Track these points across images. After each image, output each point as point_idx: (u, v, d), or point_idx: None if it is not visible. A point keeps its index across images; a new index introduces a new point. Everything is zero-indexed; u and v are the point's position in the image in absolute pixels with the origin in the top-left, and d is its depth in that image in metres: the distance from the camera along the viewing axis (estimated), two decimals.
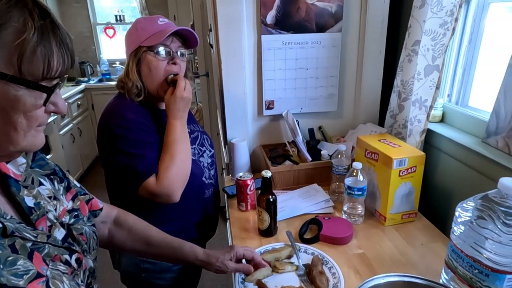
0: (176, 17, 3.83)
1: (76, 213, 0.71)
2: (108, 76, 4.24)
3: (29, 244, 0.54)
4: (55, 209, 0.65)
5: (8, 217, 0.54)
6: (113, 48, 4.41)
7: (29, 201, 0.60)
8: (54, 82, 0.53)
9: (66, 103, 3.41)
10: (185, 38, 1.10)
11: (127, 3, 4.31)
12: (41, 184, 0.66)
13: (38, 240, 0.56)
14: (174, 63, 1.05)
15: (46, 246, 0.57)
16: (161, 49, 1.04)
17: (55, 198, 0.67)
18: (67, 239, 0.64)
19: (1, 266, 0.48)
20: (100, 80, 4.17)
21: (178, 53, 1.08)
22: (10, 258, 0.50)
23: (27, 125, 0.52)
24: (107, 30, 4.34)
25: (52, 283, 0.53)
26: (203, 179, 1.16)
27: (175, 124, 1.02)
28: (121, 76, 1.10)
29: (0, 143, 0.52)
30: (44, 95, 0.52)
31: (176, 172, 1.00)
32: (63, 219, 0.66)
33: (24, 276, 0.50)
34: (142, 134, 1.02)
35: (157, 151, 1.02)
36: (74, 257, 0.63)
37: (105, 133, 1.03)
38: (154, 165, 1.00)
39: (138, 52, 1.04)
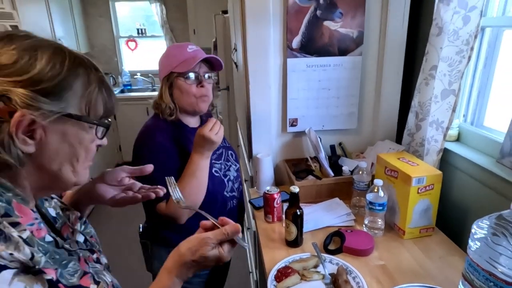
0: (195, 31, 3.98)
1: (84, 219, 0.80)
2: (129, 87, 4.41)
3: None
4: (68, 219, 0.74)
5: None
6: (134, 60, 4.59)
7: (52, 212, 0.70)
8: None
9: None
10: (211, 63, 1.21)
11: (149, 17, 4.49)
12: (52, 198, 0.75)
13: (71, 248, 0.65)
14: (202, 86, 1.17)
15: (78, 251, 0.67)
16: (191, 75, 1.16)
17: (67, 209, 0.76)
18: (86, 242, 0.74)
19: (61, 269, 0.57)
20: (122, 91, 4.33)
21: (206, 76, 1.19)
22: (64, 262, 0.59)
23: (85, 158, 0.64)
24: (129, 43, 4.52)
25: (97, 277, 0.64)
26: (225, 193, 1.27)
27: (194, 159, 1.11)
28: (155, 98, 1.22)
29: (67, 174, 0.62)
30: (102, 130, 0.65)
31: None
32: (76, 227, 0.75)
33: (75, 275, 0.59)
34: (165, 159, 1.14)
35: (175, 177, 1.11)
36: (95, 256, 0.72)
37: (136, 150, 1.17)
38: (168, 192, 1.11)
39: (170, 77, 1.17)
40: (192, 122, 1.24)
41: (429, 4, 1.38)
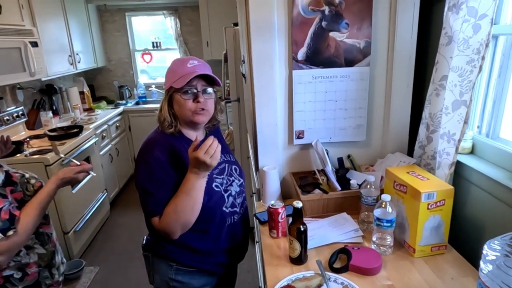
0: (208, 43, 4.03)
1: None
2: (144, 99, 4.49)
3: None
4: None
5: None
6: (149, 73, 4.69)
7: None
8: None
9: (107, 125, 3.66)
10: (210, 78, 1.20)
11: (164, 30, 4.59)
12: None
13: None
14: (198, 101, 1.16)
15: None
16: (187, 90, 1.16)
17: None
18: None
19: None
20: (137, 103, 4.42)
21: (207, 91, 1.19)
22: None
23: None
24: (144, 56, 4.62)
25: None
26: (224, 208, 1.24)
27: (189, 178, 1.10)
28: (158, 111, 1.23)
29: None
30: None
31: (174, 219, 1.11)
32: None
33: None
34: (162, 174, 1.13)
35: (170, 192, 1.13)
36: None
37: (136, 164, 1.19)
38: (161, 207, 1.12)
39: (169, 91, 1.18)
40: (193, 135, 1.24)
41: (439, 13, 1.34)
